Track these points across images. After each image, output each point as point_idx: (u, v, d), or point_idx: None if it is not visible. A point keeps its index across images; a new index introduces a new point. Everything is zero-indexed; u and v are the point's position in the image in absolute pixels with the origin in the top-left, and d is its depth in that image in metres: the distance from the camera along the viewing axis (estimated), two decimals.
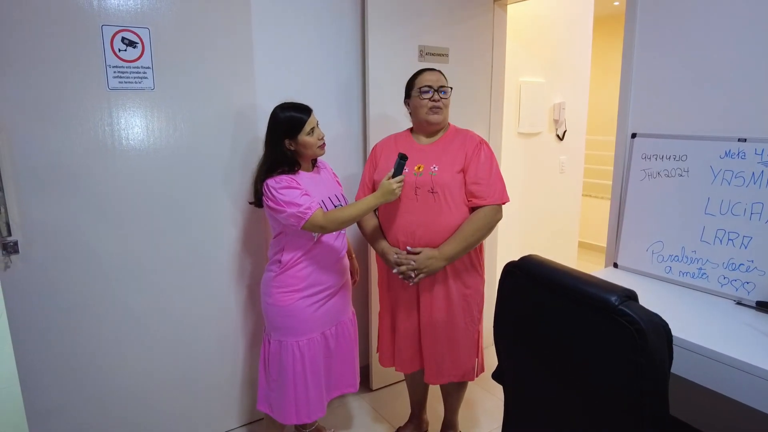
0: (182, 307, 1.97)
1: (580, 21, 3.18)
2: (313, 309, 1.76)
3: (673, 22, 1.81)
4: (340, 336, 1.86)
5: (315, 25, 2.16)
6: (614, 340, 0.97)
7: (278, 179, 1.66)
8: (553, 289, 1.09)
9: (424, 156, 1.77)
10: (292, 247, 1.73)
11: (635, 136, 1.96)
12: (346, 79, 2.28)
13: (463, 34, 2.40)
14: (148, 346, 1.92)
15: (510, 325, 1.25)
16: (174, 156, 1.88)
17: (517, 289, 1.20)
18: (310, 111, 1.73)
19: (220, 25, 1.90)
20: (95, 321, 1.80)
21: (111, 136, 1.75)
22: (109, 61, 1.70)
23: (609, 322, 0.97)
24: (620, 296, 0.97)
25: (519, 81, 2.91)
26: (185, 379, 2.02)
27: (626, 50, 1.96)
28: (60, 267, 1.72)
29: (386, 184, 1.67)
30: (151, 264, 1.88)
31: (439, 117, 1.77)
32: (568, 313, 1.06)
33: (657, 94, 1.89)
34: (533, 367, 1.22)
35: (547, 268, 1.12)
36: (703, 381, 1.34)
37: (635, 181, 1.95)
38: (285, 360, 1.75)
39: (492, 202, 1.71)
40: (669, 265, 1.84)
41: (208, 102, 1.91)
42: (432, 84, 1.75)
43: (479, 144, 1.76)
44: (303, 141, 1.69)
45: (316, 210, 1.63)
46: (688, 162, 1.79)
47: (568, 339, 1.08)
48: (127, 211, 1.81)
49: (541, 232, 3.25)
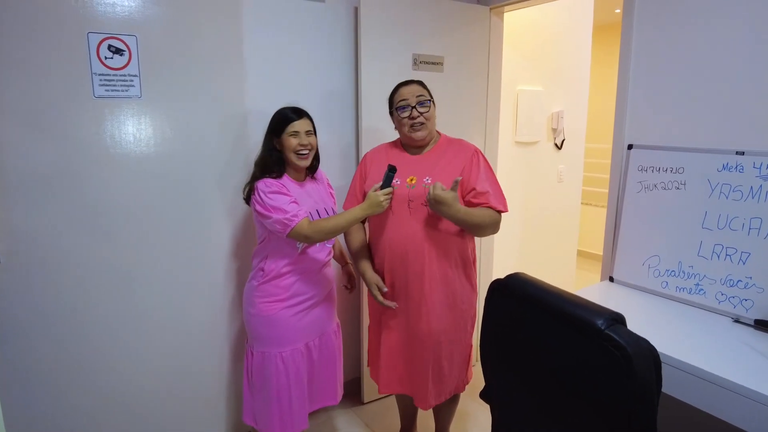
0: (169, 317, 1.94)
1: (579, 29, 3.15)
2: (296, 319, 1.72)
3: (671, 32, 1.78)
4: (324, 347, 1.83)
5: (307, 33, 2.13)
6: (600, 365, 0.93)
7: (268, 183, 1.64)
8: (539, 310, 1.05)
9: (415, 167, 1.73)
10: (276, 256, 1.70)
11: (632, 147, 1.92)
12: (339, 88, 2.25)
13: (459, 42, 2.37)
14: (133, 356, 1.89)
15: (496, 344, 1.21)
16: (162, 165, 1.85)
17: (502, 307, 1.16)
18: (302, 115, 1.70)
19: (210, 33, 1.88)
20: (80, 331, 1.77)
21: (97, 144, 1.72)
22: (95, 69, 1.68)
23: (595, 346, 0.93)
24: (607, 320, 0.92)
25: (516, 89, 2.87)
26: (171, 390, 1.98)
27: (623, 60, 1.92)
28: (44, 277, 1.69)
29: (373, 196, 1.63)
30: (138, 273, 1.85)
31: (422, 133, 1.71)
32: (554, 335, 1.02)
33: (654, 105, 1.86)
34: (519, 387, 1.18)
35: (534, 287, 1.08)
36: (697, 402, 1.30)
37: (631, 193, 1.91)
38: (269, 372, 1.71)
39: (499, 208, 1.67)
40: (666, 279, 1.80)
41: (197, 110, 1.89)
42: (408, 99, 1.70)
43: (475, 153, 1.72)
44: (283, 141, 1.67)
45: (302, 219, 1.60)
46: (685, 174, 1.74)
47: (554, 361, 1.03)
48: (113, 219, 1.79)
49: (540, 242, 3.20)
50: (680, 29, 1.75)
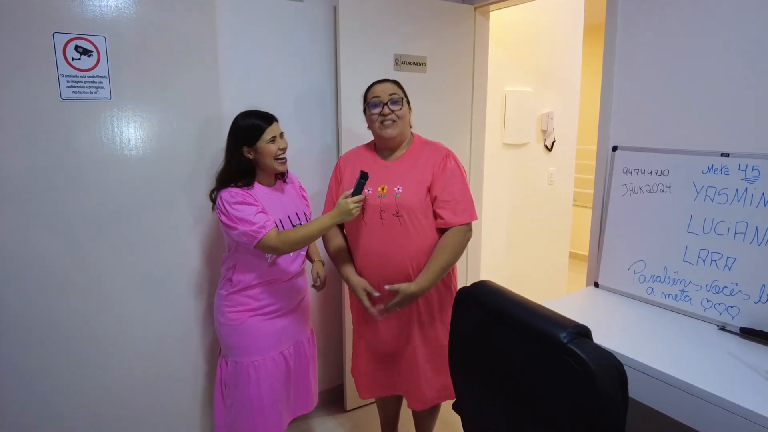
0: (140, 326, 1.89)
1: (569, 28, 3.09)
2: (267, 325, 1.67)
3: (655, 32, 1.72)
4: (299, 355, 1.78)
5: (285, 33, 2.09)
6: (563, 380, 0.88)
7: (233, 193, 1.57)
8: (503, 320, 1.00)
9: (387, 174, 1.67)
10: (244, 267, 1.65)
11: (616, 148, 1.87)
12: (319, 89, 2.20)
13: (442, 42, 2.32)
14: (105, 364, 1.84)
15: (463, 354, 1.16)
16: (133, 168, 1.80)
17: (469, 317, 1.11)
18: (272, 119, 1.65)
19: (183, 33, 1.83)
20: (50, 341, 1.73)
21: (65, 147, 1.68)
22: (62, 71, 1.64)
23: (557, 360, 0.88)
24: (570, 333, 0.87)
25: (504, 90, 2.82)
26: (145, 399, 1.93)
27: (607, 61, 1.87)
28: (12, 286, 1.65)
29: (343, 204, 1.56)
30: (109, 279, 1.81)
31: (392, 131, 1.65)
32: (519, 347, 0.97)
33: (639, 106, 1.80)
34: (487, 400, 1.12)
35: (498, 297, 1.03)
36: (680, 416, 1.24)
37: (616, 196, 1.86)
38: (242, 382, 1.66)
39: (461, 222, 1.61)
40: (651, 285, 1.74)
41: (170, 112, 1.84)
42: (380, 96, 1.65)
43: (445, 157, 1.66)
44: (262, 148, 1.60)
45: (270, 230, 1.55)
46: (670, 177, 1.69)
47: (519, 374, 0.98)
48: (83, 225, 1.74)
49: (531, 246, 3.14)
50: (665, 29, 1.70)
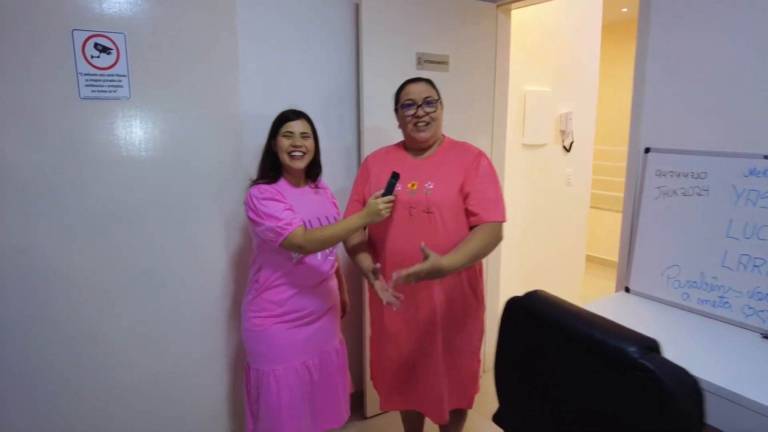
0: (163, 327, 1.84)
1: (587, 27, 3.04)
2: (290, 334, 1.62)
3: (690, 27, 1.67)
4: (324, 367, 1.71)
5: (305, 31, 2.03)
6: (633, 400, 0.83)
7: (262, 189, 1.55)
8: (561, 333, 0.95)
9: (417, 172, 1.63)
10: (270, 266, 1.60)
11: (649, 150, 1.81)
12: (339, 88, 2.15)
13: (464, 40, 2.27)
14: (127, 366, 1.79)
15: (512, 367, 1.11)
16: (152, 169, 1.75)
17: (520, 329, 1.06)
18: (298, 116, 1.62)
19: (203, 31, 1.78)
20: (68, 340, 1.68)
21: (83, 148, 1.63)
22: (81, 69, 1.58)
23: (627, 377, 0.82)
24: (640, 348, 0.82)
25: (524, 90, 2.77)
26: (168, 404, 1.88)
27: (639, 58, 1.82)
28: (32, 284, 1.60)
29: (373, 204, 1.53)
30: (125, 284, 1.75)
31: (425, 134, 1.61)
32: (579, 363, 0.92)
33: (673, 106, 1.75)
34: (538, 416, 1.07)
35: (555, 309, 0.98)
36: (723, 425, 1.19)
37: (649, 200, 1.81)
38: (262, 390, 1.61)
39: (494, 219, 1.56)
40: (686, 291, 1.69)
41: (190, 112, 1.79)
42: (414, 98, 1.60)
43: (478, 156, 1.62)
44: (277, 141, 1.60)
45: (296, 227, 1.50)
46: (707, 180, 1.64)
47: (577, 389, 0.93)
48: (102, 227, 1.69)
49: (548, 248, 3.09)
50: (702, 24, 1.64)
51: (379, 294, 1.55)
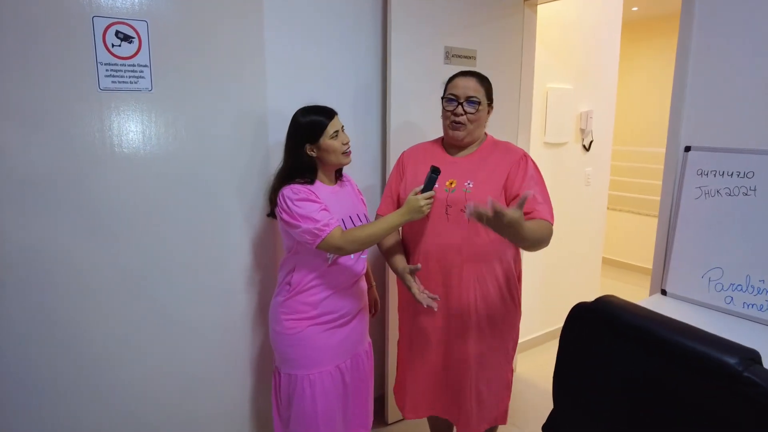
0: (182, 327, 1.75)
1: (608, 25, 2.99)
2: (325, 337, 1.55)
3: (735, 20, 1.61)
4: (356, 370, 1.65)
5: (332, 24, 1.96)
6: (735, 415, 0.76)
7: (296, 189, 1.46)
8: (643, 342, 0.88)
9: (457, 170, 1.55)
10: (304, 267, 1.53)
11: (689, 149, 1.75)
12: (365, 83, 2.07)
13: (491, 35, 2.21)
14: (143, 367, 1.70)
15: (577, 377, 1.04)
16: (174, 165, 1.67)
17: (589, 337, 0.99)
18: (333, 114, 1.54)
19: (229, 21, 1.70)
20: (84, 339, 1.59)
21: (102, 142, 1.54)
22: (101, 58, 1.50)
23: (730, 392, 0.75)
24: (743, 359, 0.75)
25: (546, 87, 2.71)
26: (186, 406, 1.79)
27: (680, 51, 1.75)
28: (45, 281, 1.51)
29: (413, 200, 1.46)
30: (148, 282, 1.67)
31: (460, 134, 1.54)
32: (666, 376, 0.85)
33: (716, 103, 1.69)
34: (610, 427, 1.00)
35: (633, 316, 0.91)
36: None
37: (689, 200, 1.75)
38: (296, 396, 1.54)
39: (549, 218, 1.49)
40: (730, 294, 1.63)
41: (214, 105, 1.71)
42: (458, 93, 1.53)
43: (524, 157, 1.55)
44: (326, 145, 1.50)
45: (334, 228, 1.43)
46: (755, 179, 1.58)
47: (665, 405, 0.86)
48: (119, 223, 1.60)
49: (565, 248, 3.03)
50: (748, 21, 1.58)
51: (417, 297, 1.48)
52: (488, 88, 1.58)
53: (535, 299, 2.93)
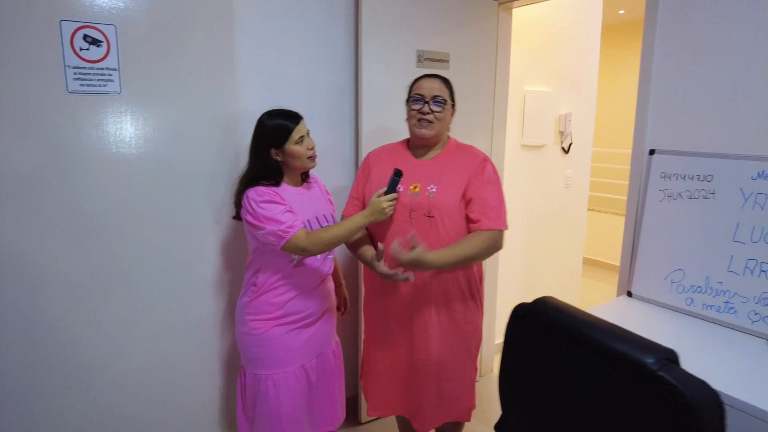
0: (156, 326, 1.77)
1: (587, 29, 3.02)
2: (290, 338, 1.57)
3: (698, 27, 1.64)
4: (322, 369, 1.67)
5: (304, 27, 1.98)
6: (650, 413, 0.78)
7: (260, 191, 1.48)
8: (573, 342, 0.90)
9: (421, 174, 1.58)
10: (269, 268, 1.55)
11: (654, 152, 1.78)
12: (338, 86, 2.09)
13: (465, 38, 2.23)
14: (119, 366, 1.72)
15: (519, 377, 1.07)
16: (144, 167, 1.69)
17: (528, 337, 1.01)
18: (299, 118, 1.56)
19: (198, 25, 1.72)
20: (61, 338, 1.61)
21: (71, 144, 1.56)
22: (69, 61, 1.52)
23: (644, 390, 0.78)
24: (659, 359, 0.78)
25: (524, 90, 2.73)
26: (160, 403, 1.81)
27: (644, 59, 1.78)
28: (23, 282, 1.53)
29: (376, 202, 1.49)
30: (118, 283, 1.69)
31: (427, 131, 1.57)
32: (592, 374, 0.87)
33: (679, 107, 1.72)
34: (545, 425, 1.03)
35: (566, 316, 0.93)
36: None
37: (653, 202, 1.78)
38: (260, 396, 1.56)
39: (495, 227, 1.52)
40: (691, 296, 1.66)
41: (183, 108, 1.73)
42: (424, 93, 1.56)
43: (483, 161, 1.58)
44: (291, 150, 1.52)
45: (298, 229, 1.45)
46: (714, 183, 1.61)
47: (590, 402, 0.89)
48: (92, 225, 1.62)
49: (546, 250, 3.06)
50: (709, 22, 1.61)
51: (390, 275, 1.48)
52: (451, 90, 1.62)
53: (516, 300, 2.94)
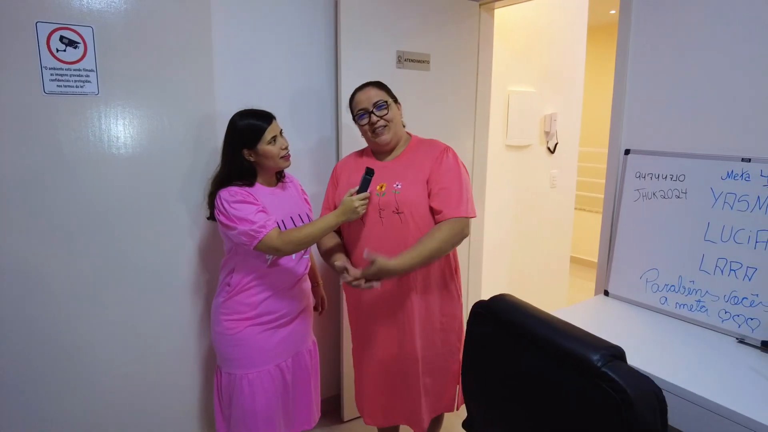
0: (131, 331, 1.79)
1: (573, 29, 3.03)
2: (264, 337, 1.58)
3: (672, 30, 1.65)
4: (298, 369, 1.68)
5: (283, 28, 1.99)
6: (595, 407, 0.80)
7: (233, 191, 1.49)
8: (525, 339, 0.92)
9: (386, 173, 1.59)
10: (243, 268, 1.56)
11: (629, 152, 1.80)
12: (318, 87, 2.11)
13: (446, 39, 2.24)
14: (99, 368, 1.74)
15: (478, 372, 1.08)
16: (121, 168, 1.70)
17: (485, 333, 1.03)
18: (271, 118, 1.56)
19: (176, 26, 1.73)
20: (40, 341, 1.63)
21: (48, 145, 1.58)
22: (45, 63, 1.53)
23: (590, 386, 0.80)
24: (604, 356, 0.79)
25: (507, 90, 2.75)
26: (140, 404, 1.83)
27: (619, 60, 1.80)
28: None
29: (348, 201, 1.50)
30: (98, 283, 1.70)
31: (386, 136, 1.58)
32: (543, 369, 0.89)
33: (653, 108, 1.73)
34: (503, 423, 1.04)
35: (519, 313, 0.95)
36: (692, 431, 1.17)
37: (628, 202, 1.79)
38: (235, 395, 1.57)
39: (456, 215, 1.52)
40: (665, 295, 1.67)
41: (161, 109, 1.74)
42: (365, 106, 1.57)
43: (443, 151, 1.59)
44: (263, 150, 1.53)
45: (271, 229, 1.46)
46: (686, 182, 1.62)
47: (542, 397, 0.90)
48: (68, 227, 1.64)
49: (532, 250, 3.07)
50: (682, 27, 1.63)
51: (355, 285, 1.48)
52: (386, 88, 1.63)
53: None
